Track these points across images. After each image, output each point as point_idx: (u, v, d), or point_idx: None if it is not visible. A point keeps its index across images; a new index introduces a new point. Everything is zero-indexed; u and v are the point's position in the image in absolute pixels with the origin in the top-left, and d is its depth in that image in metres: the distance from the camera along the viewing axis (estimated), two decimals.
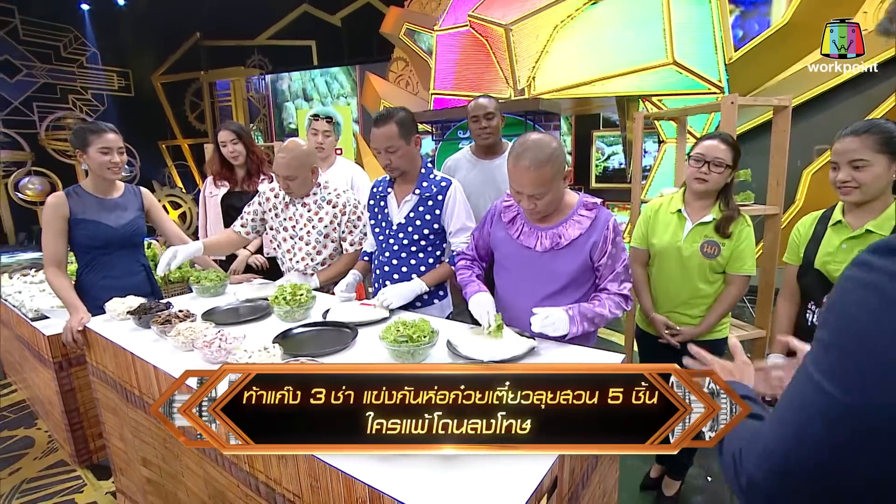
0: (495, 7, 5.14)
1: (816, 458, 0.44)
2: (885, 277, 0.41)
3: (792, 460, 0.46)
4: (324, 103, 9.71)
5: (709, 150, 1.71)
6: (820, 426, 0.44)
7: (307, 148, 1.97)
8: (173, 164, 11.38)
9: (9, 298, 2.76)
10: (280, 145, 2.00)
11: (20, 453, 2.51)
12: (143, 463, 1.61)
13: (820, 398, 0.44)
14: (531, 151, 1.34)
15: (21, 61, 9.61)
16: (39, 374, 2.47)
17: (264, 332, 1.52)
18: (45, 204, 1.88)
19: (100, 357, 1.69)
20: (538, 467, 0.82)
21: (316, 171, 2.02)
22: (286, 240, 2.11)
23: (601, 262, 1.46)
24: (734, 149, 1.71)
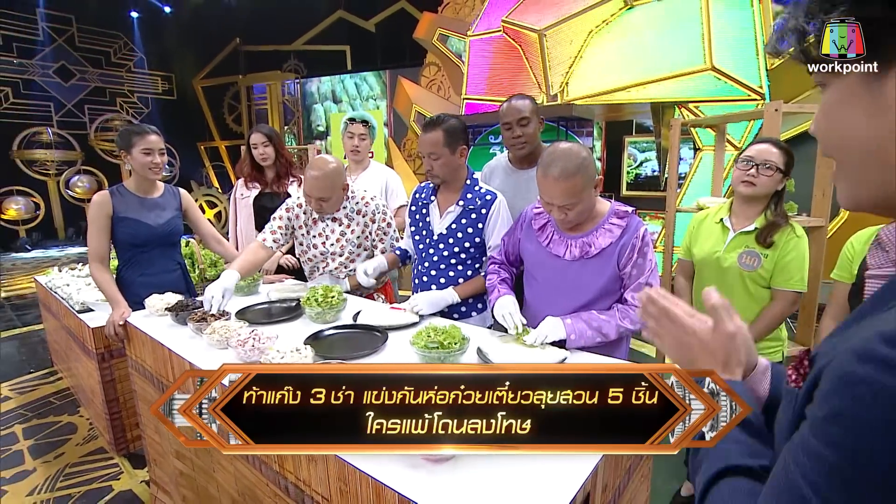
0: (529, 12, 5.12)
1: None
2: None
3: None
4: (353, 106, 9.85)
5: (759, 152, 1.62)
6: None
7: (336, 165, 1.91)
8: (211, 165, 11.79)
9: (58, 291, 2.91)
10: (308, 164, 1.94)
11: (64, 438, 2.63)
12: (177, 456, 1.65)
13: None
14: (560, 162, 1.32)
15: (75, 66, 10.17)
16: (83, 363, 2.58)
17: (296, 333, 1.55)
18: (91, 202, 1.97)
19: (139, 351, 1.75)
20: (572, 482, 0.80)
21: (347, 187, 1.99)
22: (316, 256, 2.07)
23: (625, 271, 1.42)
24: (787, 153, 1.62)
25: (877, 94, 0.40)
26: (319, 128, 10.38)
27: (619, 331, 1.40)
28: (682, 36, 4.58)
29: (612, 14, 4.79)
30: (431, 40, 6.80)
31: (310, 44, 10.22)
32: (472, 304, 1.86)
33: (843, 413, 0.35)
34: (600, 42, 4.84)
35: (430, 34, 6.80)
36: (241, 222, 2.77)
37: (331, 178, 1.88)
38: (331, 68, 9.95)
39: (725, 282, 1.69)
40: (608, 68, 4.77)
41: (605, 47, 4.82)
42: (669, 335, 0.69)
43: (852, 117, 0.43)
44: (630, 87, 4.70)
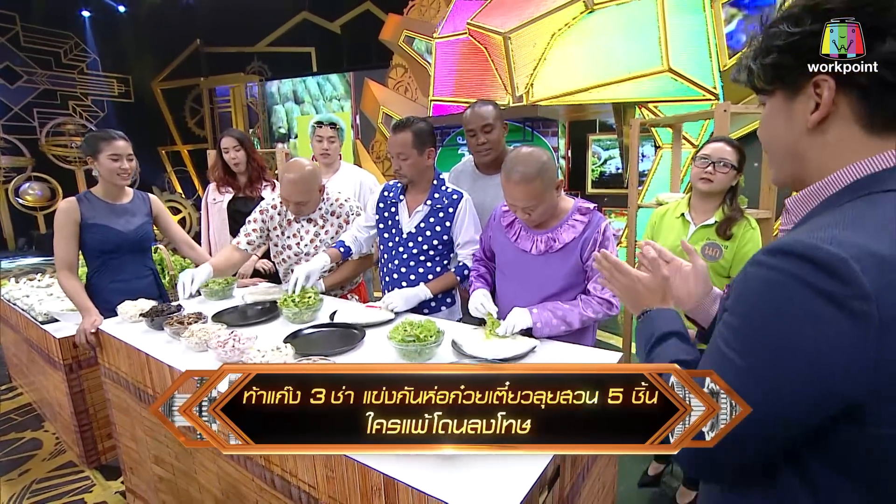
0: (494, 15, 5.22)
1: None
2: (772, 273, 0.52)
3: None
4: (316, 107, 9.73)
5: (715, 151, 1.74)
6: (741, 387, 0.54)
7: (312, 168, 1.95)
8: (173, 170, 11.44)
9: (17, 302, 2.80)
10: (284, 166, 1.98)
11: (28, 454, 2.55)
12: (156, 461, 1.65)
13: (727, 365, 0.56)
14: (521, 166, 1.40)
15: (22, 67, 9.67)
16: (49, 376, 2.51)
17: (273, 334, 1.57)
18: (58, 209, 1.93)
19: (112, 358, 1.73)
20: (542, 457, 0.88)
21: (323, 189, 2.05)
22: (290, 257, 2.11)
23: (588, 264, 1.51)
24: (739, 151, 1.74)
25: (790, 112, 0.60)
26: (281, 129, 10.17)
27: (582, 319, 1.48)
28: (640, 39, 4.78)
29: (573, 18, 4.95)
30: (397, 42, 6.83)
31: (274, 45, 10.06)
32: (441, 299, 1.93)
33: (740, 294, 0.56)
34: (563, 45, 4.99)
35: (395, 36, 6.83)
36: (214, 227, 2.75)
37: (308, 181, 1.91)
38: (296, 70, 9.83)
39: None
40: (571, 70, 4.93)
41: (568, 50, 4.98)
42: (620, 284, 0.88)
43: (777, 126, 0.63)
44: (592, 88, 4.86)
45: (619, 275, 0.88)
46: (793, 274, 0.50)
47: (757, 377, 0.52)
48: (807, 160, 0.60)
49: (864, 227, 0.49)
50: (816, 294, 0.48)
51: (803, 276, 0.49)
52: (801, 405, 0.51)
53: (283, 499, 1.12)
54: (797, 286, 0.49)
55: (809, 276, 0.48)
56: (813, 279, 0.48)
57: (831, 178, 0.58)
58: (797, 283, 0.49)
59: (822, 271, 0.48)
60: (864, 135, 0.55)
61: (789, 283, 0.50)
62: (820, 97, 0.56)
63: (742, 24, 5.25)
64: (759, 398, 0.52)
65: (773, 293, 0.51)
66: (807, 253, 0.49)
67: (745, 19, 5.25)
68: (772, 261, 0.52)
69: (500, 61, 5.13)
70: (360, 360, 1.36)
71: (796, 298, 0.49)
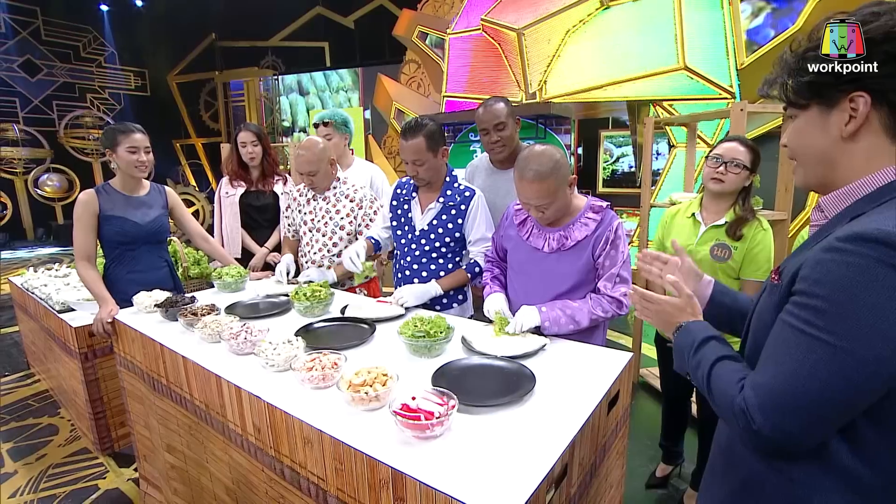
0: (508, 11, 5.19)
1: (824, 391, 0.61)
2: (854, 258, 0.59)
3: (802, 398, 0.62)
4: (321, 98, 9.72)
5: (727, 150, 1.70)
6: (823, 368, 0.60)
7: (323, 144, 2.12)
8: (187, 163, 11.58)
9: (35, 291, 2.87)
10: (298, 144, 2.11)
11: (45, 440, 2.61)
12: (168, 449, 1.68)
13: (817, 345, 0.61)
14: (534, 165, 1.39)
15: (42, 61, 9.84)
16: (65, 364, 2.56)
17: (285, 327, 1.59)
18: (77, 200, 1.96)
19: (128, 348, 1.77)
20: (551, 453, 0.88)
21: (334, 164, 2.16)
22: (306, 233, 2.24)
23: (599, 262, 1.50)
24: (753, 151, 1.70)
25: (826, 123, 0.68)
26: (284, 123, 10.10)
27: (591, 318, 1.47)
28: (655, 36, 4.72)
29: (588, 14, 4.90)
30: (411, 37, 6.82)
31: (288, 40, 10.11)
32: (453, 296, 1.93)
33: (819, 279, 0.62)
34: (577, 41, 4.95)
35: (409, 32, 6.82)
36: (227, 220, 2.77)
37: (316, 153, 2.07)
38: (309, 65, 9.88)
39: None
40: (585, 67, 4.89)
41: (582, 46, 4.94)
42: (652, 311, 0.96)
43: (811, 136, 0.71)
44: (606, 86, 4.82)
45: (649, 304, 0.95)
46: (875, 258, 0.57)
47: (856, 355, 0.58)
48: (838, 165, 0.69)
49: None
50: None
51: (886, 259, 0.56)
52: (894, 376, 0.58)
53: (292, 490, 1.13)
54: (882, 268, 0.56)
55: (891, 258, 0.56)
56: (894, 260, 0.56)
57: (864, 181, 0.66)
58: (881, 266, 0.56)
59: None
60: (890, 143, 0.65)
61: (873, 266, 0.57)
62: (855, 111, 0.64)
63: (770, 17, 5.04)
64: (856, 373, 0.59)
65: (860, 276, 0.58)
66: (883, 238, 0.57)
67: (773, 13, 5.03)
68: (851, 246, 0.59)
69: (514, 58, 5.10)
70: (370, 355, 1.37)
71: (883, 279, 0.56)
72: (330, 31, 9.58)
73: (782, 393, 0.63)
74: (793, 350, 0.63)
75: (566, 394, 1.11)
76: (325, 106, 9.96)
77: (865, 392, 0.60)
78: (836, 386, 0.60)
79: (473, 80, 5.64)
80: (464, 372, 1.21)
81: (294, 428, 1.06)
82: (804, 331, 0.62)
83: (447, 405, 0.95)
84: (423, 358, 1.33)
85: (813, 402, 0.61)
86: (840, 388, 0.59)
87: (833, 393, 0.60)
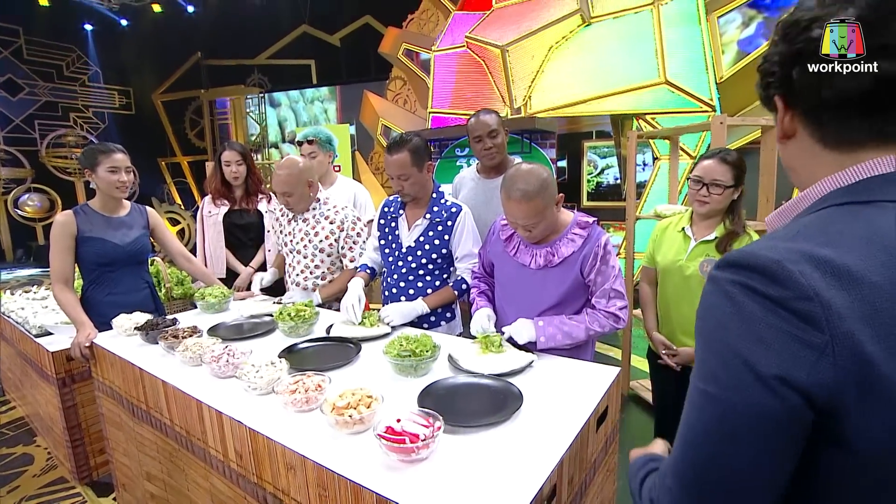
0: (492, 28, 5.28)
1: (711, 450, 0.50)
2: (719, 285, 0.52)
3: (692, 465, 0.51)
4: (294, 109, 9.71)
5: (706, 171, 1.68)
6: (708, 423, 0.50)
7: (303, 165, 2.05)
8: (172, 182, 11.46)
9: (11, 315, 2.78)
10: (278, 163, 2.07)
11: (19, 471, 2.51)
12: (147, 478, 1.62)
13: (702, 400, 0.51)
14: (521, 184, 1.39)
15: (24, 80, 9.74)
16: (41, 390, 2.48)
17: (269, 347, 1.56)
18: (54, 222, 1.92)
19: (106, 372, 1.71)
20: (538, 474, 0.86)
21: (314, 186, 2.10)
22: (288, 254, 2.20)
23: (590, 278, 1.50)
24: (734, 167, 1.67)
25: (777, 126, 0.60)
26: (252, 136, 10.01)
27: (588, 334, 1.48)
28: (637, 51, 4.82)
29: (570, 30, 5.00)
30: (397, 55, 6.89)
31: (274, 58, 10.15)
32: (440, 313, 1.92)
33: (700, 313, 0.54)
34: (560, 57, 5.04)
35: (395, 49, 6.89)
36: (210, 239, 2.73)
37: (294, 175, 2.01)
38: (295, 82, 9.91)
39: (687, 288, 1.77)
40: (569, 82, 4.97)
41: (565, 62, 5.02)
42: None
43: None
44: (590, 100, 4.90)
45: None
46: (736, 282, 0.50)
47: (727, 393, 0.48)
48: (795, 171, 0.62)
49: (807, 236, 0.50)
50: (762, 299, 0.47)
51: (745, 283, 0.49)
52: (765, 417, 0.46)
53: None
54: (742, 292, 0.49)
55: (751, 281, 0.49)
56: (752, 283, 0.48)
57: (803, 195, 0.59)
58: (742, 290, 0.49)
59: (761, 275, 0.48)
60: (822, 149, 0.56)
61: (736, 292, 0.49)
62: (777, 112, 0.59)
63: (762, 27, 5.07)
64: (732, 413, 0.48)
65: (723, 304, 0.51)
66: (743, 261, 0.50)
67: (766, 22, 5.06)
68: (718, 274, 0.52)
69: (499, 74, 5.17)
70: (355, 375, 1.35)
71: (741, 302, 0.49)
72: (316, 48, 9.64)
73: (673, 462, 0.53)
74: (685, 409, 0.54)
75: (554, 411, 1.10)
76: (298, 119, 9.97)
77: (745, 448, 0.47)
78: (710, 440, 0.49)
79: (459, 96, 5.70)
80: (450, 391, 1.20)
81: (276, 453, 1.03)
82: (693, 381, 0.53)
83: (433, 427, 0.93)
84: (409, 377, 1.31)
85: (698, 467, 0.50)
86: (715, 443, 0.49)
87: (718, 449, 0.49)
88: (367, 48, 8.14)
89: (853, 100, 0.52)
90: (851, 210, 0.52)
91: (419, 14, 7.03)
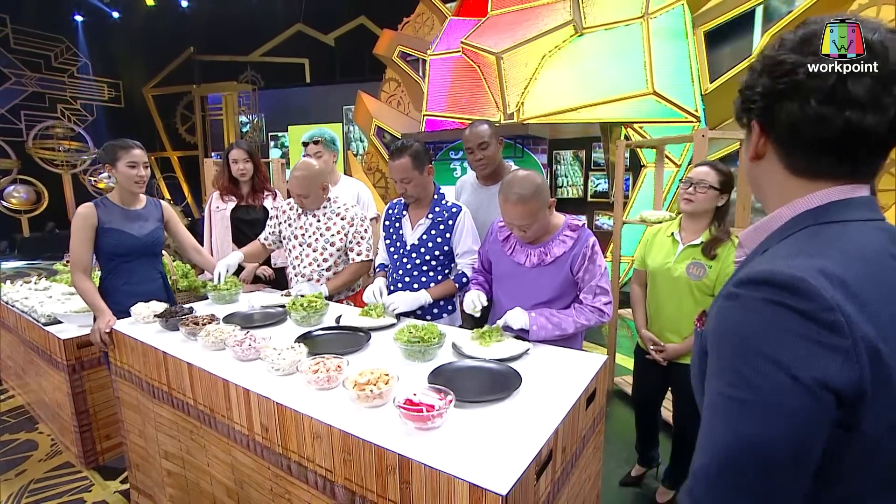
0: (487, 35, 5.43)
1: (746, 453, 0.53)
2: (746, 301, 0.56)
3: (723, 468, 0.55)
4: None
5: (696, 174, 1.85)
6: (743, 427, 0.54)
7: (318, 168, 2.18)
8: (162, 177, 11.40)
9: (16, 304, 2.84)
10: (295, 165, 2.18)
11: (24, 455, 2.58)
12: (165, 456, 1.73)
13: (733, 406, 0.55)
14: (517, 188, 1.55)
15: (10, 69, 9.62)
16: (49, 377, 2.55)
17: (283, 336, 1.67)
18: (76, 213, 2.01)
19: (126, 357, 1.81)
20: (538, 439, 1.00)
21: (326, 188, 2.23)
22: (296, 247, 2.29)
23: (579, 276, 1.65)
24: (722, 174, 1.83)
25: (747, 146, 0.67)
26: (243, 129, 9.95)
27: (576, 326, 1.63)
28: (626, 62, 5.01)
29: (563, 40, 5.18)
30: (391, 57, 7.00)
31: (268, 55, 10.18)
32: (442, 306, 2.06)
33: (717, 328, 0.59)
34: (553, 66, 5.21)
35: (389, 51, 7.00)
36: (217, 234, 2.83)
37: (310, 178, 2.13)
38: (289, 80, 9.95)
39: (675, 290, 1.92)
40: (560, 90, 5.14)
41: (558, 71, 5.19)
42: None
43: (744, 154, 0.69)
44: (580, 108, 5.07)
45: None
46: (767, 299, 0.54)
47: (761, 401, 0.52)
48: (760, 189, 0.68)
49: (810, 253, 0.56)
50: (792, 312, 0.52)
51: (774, 299, 0.53)
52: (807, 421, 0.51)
53: (299, 484, 1.22)
54: (769, 307, 0.53)
55: (779, 297, 0.53)
56: (781, 298, 0.53)
57: (776, 215, 0.64)
58: (772, 305, 0.53)
59: (789, 291, 0.53)
60: (789, 175, 0.62)
61: (761, 306, 0.54)
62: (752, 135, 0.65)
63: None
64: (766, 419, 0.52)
65: (753, 318, 0.55)
66: (770, 278, 0.54)
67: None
68: (742, 291, 0.56)
69: (493, 80, 5.32)
70: (367, 360, 1.48)
71: (771, 317, 0.53)
72: (310, 47, 9.70)
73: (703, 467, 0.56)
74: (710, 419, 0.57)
75: (549, 390, 1.24)
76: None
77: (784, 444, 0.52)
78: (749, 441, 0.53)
79: (453, 100, 5.84)
80: (457, 373, 1.33)
81: (304, 425, 1.15)
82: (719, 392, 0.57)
83: (445, 399, 1.07)
84: (417, 362, 1.44)
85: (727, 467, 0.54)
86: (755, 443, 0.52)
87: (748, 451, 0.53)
88: (362, 48, 8.23)
89: (831, 144, 0.58)
90: (834, 229, 0.59)
91: (414, 17, 7.16)
